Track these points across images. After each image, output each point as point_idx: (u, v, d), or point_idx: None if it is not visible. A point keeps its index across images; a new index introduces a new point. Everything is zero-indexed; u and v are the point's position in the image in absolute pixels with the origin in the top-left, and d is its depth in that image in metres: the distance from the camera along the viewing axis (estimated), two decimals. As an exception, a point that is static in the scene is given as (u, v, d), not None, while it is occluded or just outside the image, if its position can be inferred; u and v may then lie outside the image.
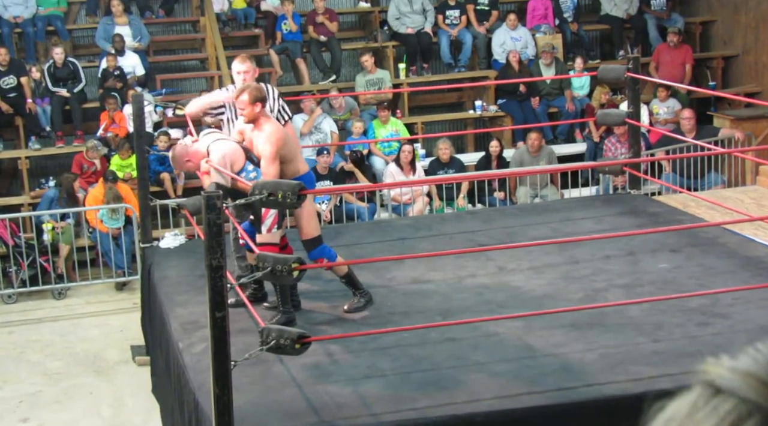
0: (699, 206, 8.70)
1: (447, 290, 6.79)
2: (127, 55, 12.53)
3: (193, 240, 8.40)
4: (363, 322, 6.29)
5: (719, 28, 14.80)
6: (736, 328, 5.86)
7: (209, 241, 4.86)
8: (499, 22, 14.10)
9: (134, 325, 8.85)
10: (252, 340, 5.39)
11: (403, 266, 7.23)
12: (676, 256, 7.28)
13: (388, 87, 12.99)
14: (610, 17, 14.55)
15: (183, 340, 6.10)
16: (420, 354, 5.72)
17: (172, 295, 6.95)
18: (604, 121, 9.50)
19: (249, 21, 13.65)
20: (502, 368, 5.48)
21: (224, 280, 4.89)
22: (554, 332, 5.93)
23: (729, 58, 14.56)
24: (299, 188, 5.20)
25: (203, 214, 4.93)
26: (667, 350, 5.61)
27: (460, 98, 14.07)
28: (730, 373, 0.86)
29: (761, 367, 0.85)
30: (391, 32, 13.90)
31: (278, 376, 5.46)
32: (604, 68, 9.18)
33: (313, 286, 6.86)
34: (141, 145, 8.20)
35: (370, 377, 5.43)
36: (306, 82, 13.34)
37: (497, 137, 12.35)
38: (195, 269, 7.22)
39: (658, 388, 5.06)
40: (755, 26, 14.12)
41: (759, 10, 13.98)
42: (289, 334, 5.04)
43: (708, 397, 0.86)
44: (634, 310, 6.18)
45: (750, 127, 12.34)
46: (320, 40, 13.43)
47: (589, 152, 12.81)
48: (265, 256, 5.23)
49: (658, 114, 13.06)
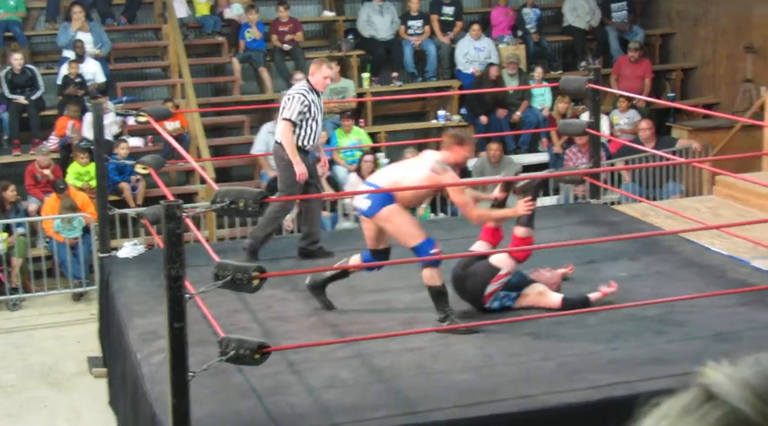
0: (657, 215, 8.79)
1: (409, 300, 6.79)
2: (87, 62, 12.43)
3: (153, 250, 8.34)
4: (324, 332, 6.27)
5: (679, 41, 14.98)
6: (692, 336, 5.92)
7: (168, 251, 4.83)
8: (462, 32, 14.16)
9: (91, 336, 8.76)
10: (211, 350, 5.36)
11: (364, 275, 7.22)
12: (635, 265, 7.34)
13: (351, 96, 13.00)
14: (572, 29, 14.67)
15: (141, 350, 6.06)
16: (381, 364, 5.71)
17: (130, 306, 6.90)
18: (565, 130, 9.57)
19: (213, 29, 13.61)
20: (463, 377, 5.49)
21: (183, 290, 4.86)
22: (514, 341, 5.96)
23: (688, 70, 14.73)
24: (261, 196, 5.19)
25: (163, 223, 4.90)
26: (624, 358, 5.65)
27: (424, 108, 14.11)
28: (726, 381, 0.85)
29: (759, 379, 0.84)
30: (356, 41, 13.92)
31: (237, 387, 5.43)
32: (565, 79, 9.24)
33: (276, 294, 6.84)
34: (100, 154, 8.14)
35: (331, 387, 5.42)
36: (269, 91, 13.31)
37: (460, 147, 12.36)
38: (154, 279, 7.17)
39: (616, 396, 5.10)
40: (714, 39, 14.30)
41: (718, 23, 14.16)
42: (249, 345, 5.01)
43: (701, 401, 0.86)
44: (592, 318, 6.22)
45: (707, 138, 12.49)
46: (284, 48, 13.42)
47: (551, 162, 12.90)
48: (225, 264, 5.21)
49: (619, 124, 13.17)
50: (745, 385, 0.84)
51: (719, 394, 0.85)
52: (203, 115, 12.58)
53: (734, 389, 0.84)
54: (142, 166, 7.88)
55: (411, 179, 6.19)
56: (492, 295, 6.36)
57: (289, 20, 13.52)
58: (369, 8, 13.88)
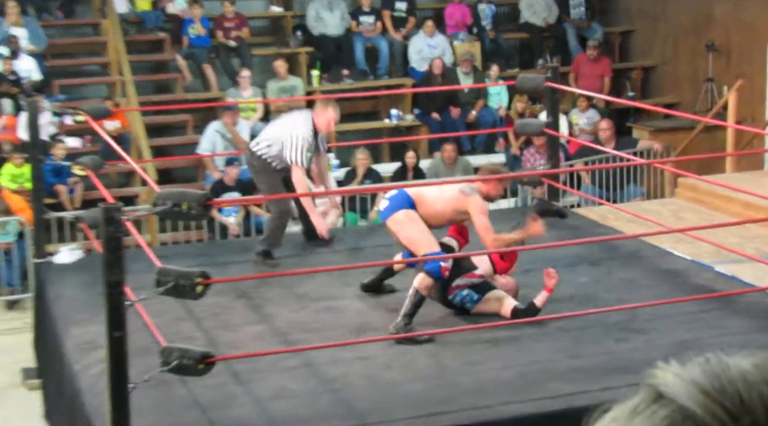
0: (618, 219, 8.86)
1: (360, 306, 6.78)
2: (22, 58, 12.27)
3: (91, 255, 8.25)
4: (271, 341, 6.24)
5: (638, 38, 15.14)
6: (654, 344, 5.96)
7: (108, 256, 4.79)
8: (416, 28, 14.19)
9: (25, 346, 8.63)
10: (152, 360, 5.30)
11: (314, 281, 7.20)
12: (595, 270, 7.39)
13: (300, 94, 12.97)
14: (529, 26, 14.76)
15: (78, 361, 5.99)
16: (331, 374, 5.70)
17: (67, 314, 6.82)
18: (522, 131, 9.63)
19: (155, 24, 13.51)
20: (417, 387, 5.49)
21: (123, 298, 4.82)
22: (470, 349, 5.97)
23: (648, 68, 14.90)
24: (205, 198, 5.16)
25: (102, 227, 4.85)
26: (584, 367, 5.68)
27: (376, 107, 14.12)
28: (674, 380, 0.87)
29: (707, 376, 0.86)
30: (305, 38, 13.89)
31: (180, 399, 5.38)
32: (522, 77, 9.28)
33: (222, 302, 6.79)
34: (35, 155, 8.04)
35: (279, 398, 5.39)
36: (214, 89, 13.24)
37: (413, 147, 12.41)
38: (93, 286, 7.08)
39: (575, 406, 5.12)
40: (674, 37, 14.47)
41: (678, 20, 14.33)
42: (192, 354, 4.98)
43: (649, 402, 0.87)
44: (552, 325, 6.25)
45: (669, 139, 12.63)
46: (229, 45, 13.36)
47: (508, 163, 12.95)
48: (168, 270, 5.16)
49: (578, 124, 13.28)
50: (692, 383, 0.86)
51: (667, 393, 0.87)
52: (144, 114, 12.48)
53: (682, 387, 0.86)
54: (80, 168, 7.81)
55: (440, 194, 6.53)
56: (457, 289, 6.42)
57: (235, 16, 13.46)
58: (318, 3, 13.86)
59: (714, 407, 0.84)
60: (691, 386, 0.86)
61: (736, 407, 0.84)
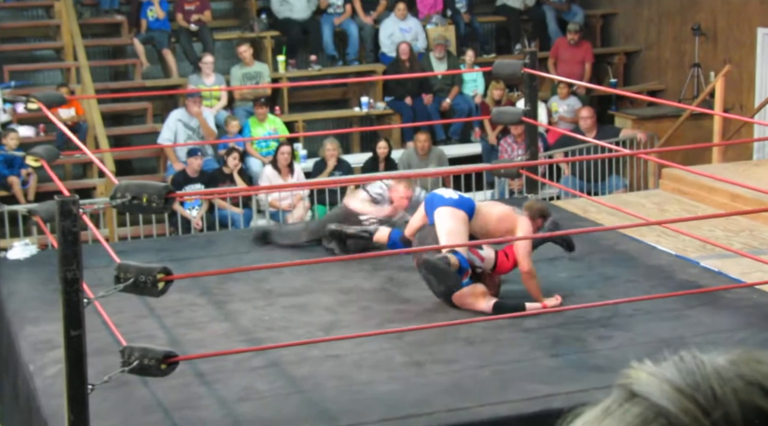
0: (599, 212, 8.92)
1: (330, 303, 6.81)
2: (-30, 42, 12.22)
3: (46, 250, 8.24)
4: (237, 339, 6.26)
5: (621, 22, 15.21)
6: (636, 341, 6.01)
7: (64, 252, 4.78)
8: (387, 11, 14.20)
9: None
10: (112, 360, 5.31)
11: (282, 277, 7.22)
12: (576, 265, 7.44)
13: (266, 82, 12.96)
14: (506, 8, 14.80)
15: (34, 361, 5.98)
16: (300, 373, 5.72)
17: (21, 312, 6.81)
18: (499, 119, 9.66)
19: (111, 7, 13.46)
20: (389, 388, 5.52)
21: (81, 295, 4.82)
22: (445, 347, 6.00)
23: (631, 53, 14.97)
24: (166, 191, 5.15)
25: (57, 221, 4.84)
26: (565, 366, 5.73)
27: (345, 94, 14.13)
28: (647, 378, 0.90)
29: (680, 375, 0.89)
30: (270, 21, 13.86)
31: (142, 401, 5.39)
32: (499, 63, 9.31)
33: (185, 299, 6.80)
34: (-14, 144, 8.00)
35: (246, 400, 5.41)
36: (174, 75, 13.21)
37: (385, 137, 12.43)
38: (48, 283, 7.07)
39: (554, 407, 5.17)
40: (658, 20, 14.55)
41: (662, 3, 14.42)
42: (154, 354, 4.98)
43: (622, 401, 0.90)
44: (530, 322, 6.30)
45: (653, 128, 12.71)
46: (190, 29, 13.32)
47: (485, 153, 13.01)
48: (127, 266, 5.16)
49: (558, 112, 13.34)
50: (666, 380, 0.89)
51: (640, 391, 0.90)
52: (101, 102, 12.45)
53: (655, 385, 0.89)
54: (34, 158, 7.77)
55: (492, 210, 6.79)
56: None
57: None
58: (285, -15, 13.85)
59: (686, 403, 0.87)
60: (665, 384, 0.89)
61: (708, 402, 0.87)
